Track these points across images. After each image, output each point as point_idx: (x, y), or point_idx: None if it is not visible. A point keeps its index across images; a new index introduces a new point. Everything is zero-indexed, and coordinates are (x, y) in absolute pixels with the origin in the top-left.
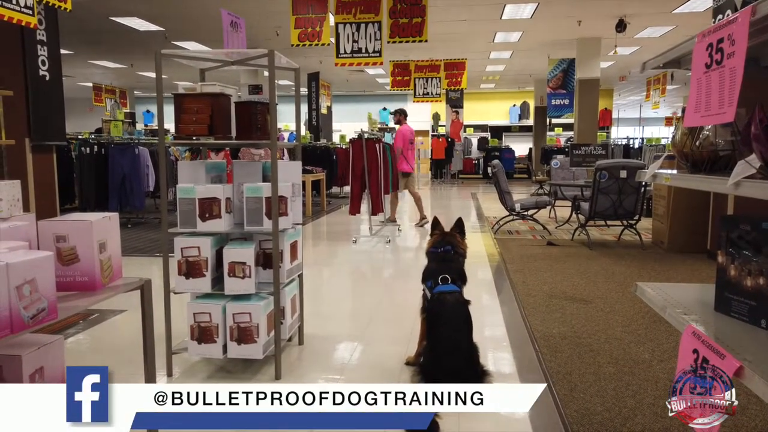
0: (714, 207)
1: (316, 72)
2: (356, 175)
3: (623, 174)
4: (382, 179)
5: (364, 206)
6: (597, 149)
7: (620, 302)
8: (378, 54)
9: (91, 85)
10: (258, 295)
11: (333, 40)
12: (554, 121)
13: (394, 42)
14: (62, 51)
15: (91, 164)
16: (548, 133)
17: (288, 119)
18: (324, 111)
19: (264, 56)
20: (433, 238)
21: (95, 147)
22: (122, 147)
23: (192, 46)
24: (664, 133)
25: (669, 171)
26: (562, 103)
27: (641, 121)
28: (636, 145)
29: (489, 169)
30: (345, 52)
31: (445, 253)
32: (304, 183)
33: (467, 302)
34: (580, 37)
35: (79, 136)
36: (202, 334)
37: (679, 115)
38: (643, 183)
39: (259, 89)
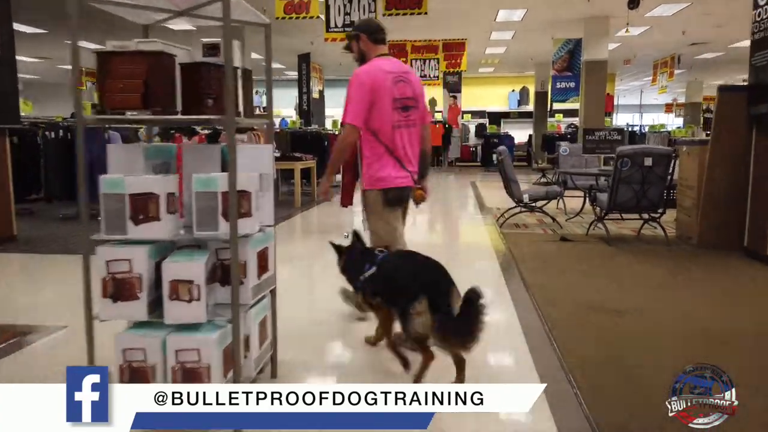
0: (753, 199)
1: (307, 53)
2: (348, 163)
3: (648, 162)
4: None
5: (357, 197)
6: (612, 134)
7: (660, 313)
8: None
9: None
10: (212, 323)
11: (323, 16)
12: (555, 107)
13: (390, 14)
14: (37, 30)
15: (57, 151)
16: (549, 119)
17: (280, 104)
18: (316, 95)
19: (218, 0)
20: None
21: (61, 132)
22: (91, 132)
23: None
24: (662, 120)
25: None
26: (567, 86)
27: (641, 107)
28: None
29: (494, 156)
30: (336, 26)
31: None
32: (292, 171)
33: None
34: (587, 15)
35: (53, 120)
36: (134, 377)
37: (680, 101)
38: (670, 172)
39: (218, 50)
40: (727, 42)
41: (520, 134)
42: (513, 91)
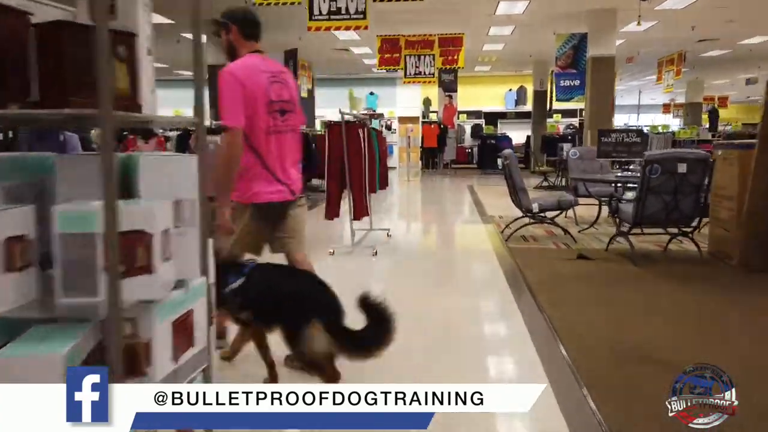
0: None
1: (294, 49)
2: (333, 169)
3: (682, 168)
4: (366, 174)
5: (345, 207)
6: (631, 136)
7: (738, 368)
8: (362, 15)
9: None
10: None
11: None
12: (554, 107)
13: (382, 0)
14: None
15: None
16: (548, 120)
17: None
18: (304, 94)
19: None
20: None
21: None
22: (42, 133)
23: None
24: (660, 121)
25: None
26: (572, 84)
27: (639, 108)
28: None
29: (499, 160)
30: (320, 14)
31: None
32: None
33: None
34: (593, 8)
35: None
36: None
37: (678, 102)
38: (706, 181)
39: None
40: (737, 39)
41: (518, 135)
42: (510, 90)
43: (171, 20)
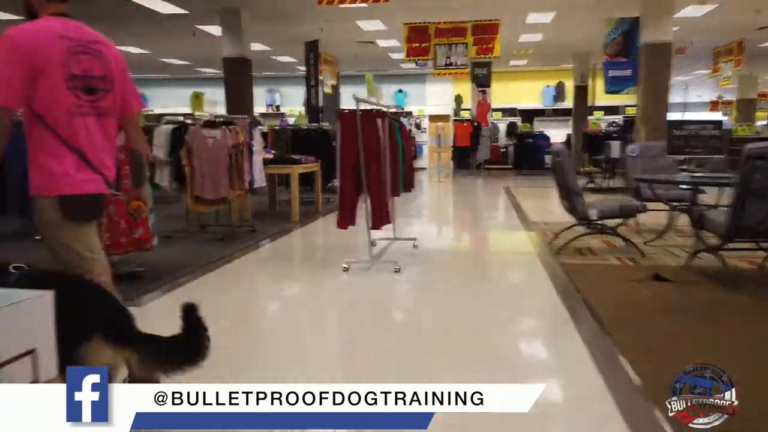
0: None
1: (315, 40)
2: (347, 167)
3: None
4: (388, 174)
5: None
6: (708, 128)
7: None
8: None
9: None
10: None
11: None
12: (596, 103)
13: None
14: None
15: None
16: (588, 117)
17: (293, 103)
18: (328, 90)
19: None
20: None
21: None
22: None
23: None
24: (704, 118)
25: None
26: (622, 74)
27: (686, 105)
28: None
29: (548, 158)
30: None
31: None
32: (288, 177)
33: None
34: None
35: None
36: None
37: (726, 99)
38: None
39: None
40: None
41: (556, 134)
42: (548, 86)
43: (185, 10)
